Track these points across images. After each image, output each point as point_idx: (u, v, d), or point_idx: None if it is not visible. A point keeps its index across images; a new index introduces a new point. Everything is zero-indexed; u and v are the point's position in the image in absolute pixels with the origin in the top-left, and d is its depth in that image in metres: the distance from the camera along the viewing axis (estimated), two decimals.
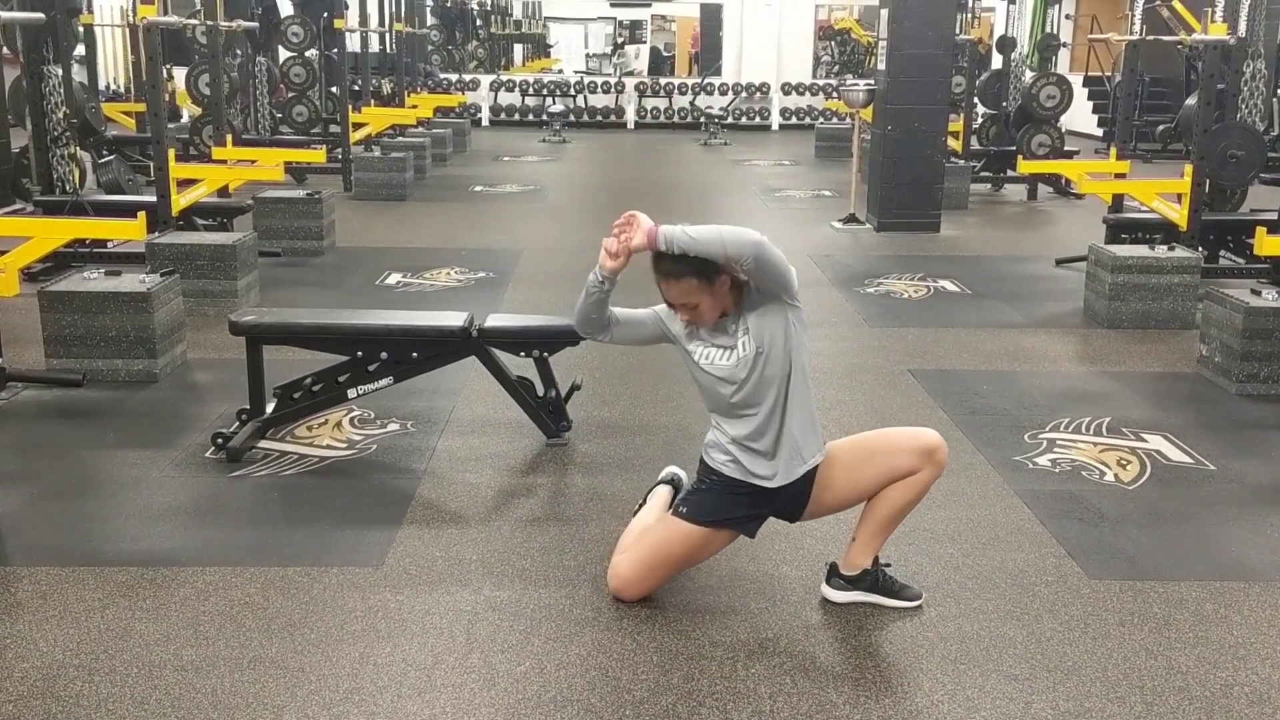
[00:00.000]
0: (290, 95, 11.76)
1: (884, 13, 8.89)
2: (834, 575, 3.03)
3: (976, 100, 11.71)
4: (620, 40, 23.88)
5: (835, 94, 17.20)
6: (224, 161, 8.02)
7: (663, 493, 3.31)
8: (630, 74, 20.46)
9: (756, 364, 2.84)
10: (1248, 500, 3.78)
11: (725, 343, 2.88)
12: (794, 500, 2.97)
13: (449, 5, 20.84)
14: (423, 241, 8.26)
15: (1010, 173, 10.97)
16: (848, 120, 14.23)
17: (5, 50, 8.03)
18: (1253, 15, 7.62)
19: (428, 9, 19.54)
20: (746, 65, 18.44)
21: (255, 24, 10.76)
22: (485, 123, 18.05)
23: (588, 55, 24.48)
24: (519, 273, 7.19)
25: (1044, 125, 10.67)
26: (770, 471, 2.91)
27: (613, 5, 21.69)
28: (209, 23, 8.58)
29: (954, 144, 10.73)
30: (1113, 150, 8.23)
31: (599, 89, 18.52)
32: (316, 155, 9.13)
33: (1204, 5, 7.42)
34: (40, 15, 6.18)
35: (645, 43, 23.71)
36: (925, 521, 3.53)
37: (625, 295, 3.15)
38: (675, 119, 18.34)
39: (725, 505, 2.96)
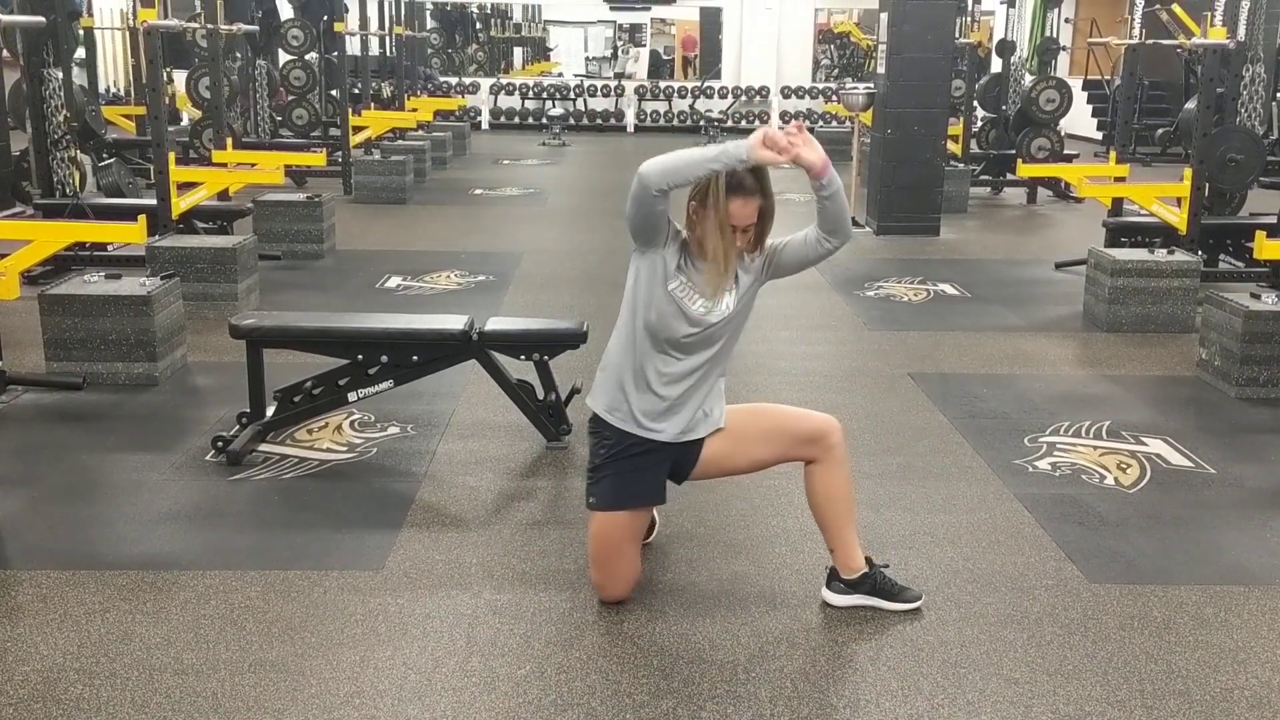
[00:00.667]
0: (290, 98, 11.77)
1: (884, 16, 8.90)
2: (834, 579, 3.03)
3: (976, 104, 11.72)
4: (620, 42, 23.88)
5: (835, 97, 17.20)
6: (224, 165, 8.01)
7: None
8: (624, 75, 20.46)
9: (719, 322, 2.90)
10: (1248, 504, 3.78)
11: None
12: (683, 461, 3.01)
13: (448, 8, 20.85)
14: (423, 245, 8.26)
15: (1010, 176, 10.98)
16: (847, 124, 14.25)
17: (5, 53, 8.03)
18: (1252, 19, 7.63)
19: (427, 12, 19.57)
20: (746, 68, 18.45)
21: (255, 27, 10.77)
22: (485, 126, 18.06)
23: (587, 59, 24.49)
24: (519, 276, 7.20)
25: (1043, 129, 10.68)
26: (662, 426, 2.93)
27: (612, 9, 21.66)
28: (209, 26, 8.57)
29: (953, 147, 10.74)
30: (1112, 154, 8.24)
31: (598, 92, 18.54)
32: (316, 158, 9.13)
33: (1203, 9, 7.44)
34: (41, 18, 6.19)
35: (645, 46, 23.70)
36: (925, 525, 3.54)
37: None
38: (675, 122, 18.36)
39: (623, 482, 2.96)
